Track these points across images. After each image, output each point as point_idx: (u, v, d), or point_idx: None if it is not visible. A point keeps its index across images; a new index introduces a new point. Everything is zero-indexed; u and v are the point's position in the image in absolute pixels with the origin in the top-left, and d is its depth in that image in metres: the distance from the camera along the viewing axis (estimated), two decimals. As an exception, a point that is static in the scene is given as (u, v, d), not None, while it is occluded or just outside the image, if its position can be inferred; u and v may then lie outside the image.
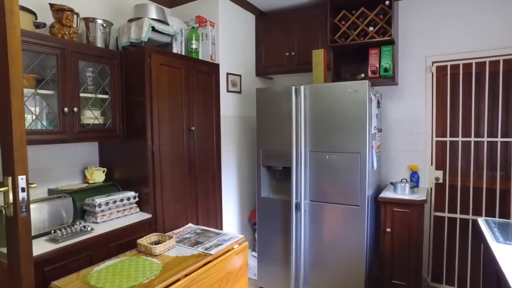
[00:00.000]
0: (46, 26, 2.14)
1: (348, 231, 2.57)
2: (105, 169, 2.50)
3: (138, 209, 2.34)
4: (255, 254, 3.12)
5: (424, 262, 2.97)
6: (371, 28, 2.80)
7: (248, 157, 3.42)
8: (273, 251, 2.91)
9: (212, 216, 2.88)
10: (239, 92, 3.25)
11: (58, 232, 1.83)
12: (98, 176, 2.46)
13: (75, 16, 2.20)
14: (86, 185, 2.37)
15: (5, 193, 1.32)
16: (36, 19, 2.04)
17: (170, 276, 1.56)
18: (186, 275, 1.62)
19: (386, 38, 2.72)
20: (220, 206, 2.98)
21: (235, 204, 3.24)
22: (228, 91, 3.08)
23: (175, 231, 2.24)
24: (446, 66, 2.91)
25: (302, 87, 2.65)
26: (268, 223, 2.92)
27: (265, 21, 3.46)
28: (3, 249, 1.46)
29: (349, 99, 2.51)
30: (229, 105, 3.11)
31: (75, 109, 2.08)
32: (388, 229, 2.65)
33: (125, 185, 2.45)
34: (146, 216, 2.27)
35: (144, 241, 1.90)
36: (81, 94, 2.15)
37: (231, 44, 3.11)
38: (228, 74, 3.07)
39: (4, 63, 1.27)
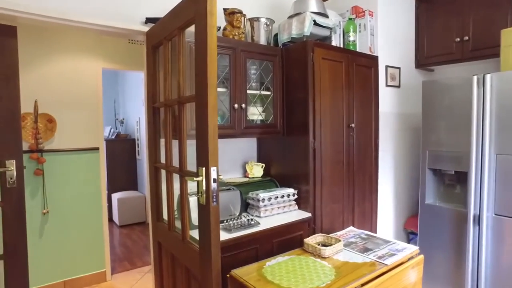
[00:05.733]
0: (220, 29, 2.30)
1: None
2: (263, 164, 2.57)
3: (296, 207, 2.32)
4: (414, 267, 2.76)
5: None
6: None
7: (407, 158, 3.06)
8: (437, 269, 2.51)
9: (367, 219, 2.67)
10: (398, 87, 2.94)
11: (230, 222, 1.92)
12: (257, 171, 2.53)
13: (243, 17, 2.31)
14: (247, 179, 2.47)
15: (199, 183, 1.42)
16: (213, 22, 2.20)
17: (346, 284, 1.44)
18: (362, 285, 1.48)
19: None
20: (376, 209, 2.74)
21: (391, 209, 2.95)
22: (386, 85, 2.81)
23: (338, 233, 2.12)
24: None
25: (488, 76, 2.20)
26: (433, 234, 2.54)
27: (428, 4, 3.04)
28: (192, 232, 1.58)
29: (560, 88, 1.95)
30: (387, 101, 2.84)
31: (243, 105, 2.17)
32: None
33: (282, 181, 2.46)
34: (305, 214, 2.22)
35: (310, 241, 1.84)
36: (248, 91, 2.24)
37: (389, 34, 2.82)
38: (387, 67, 2.80)
39: (203, 61, 1.36)
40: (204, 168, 1.39)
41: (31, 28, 2.93)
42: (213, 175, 1.38)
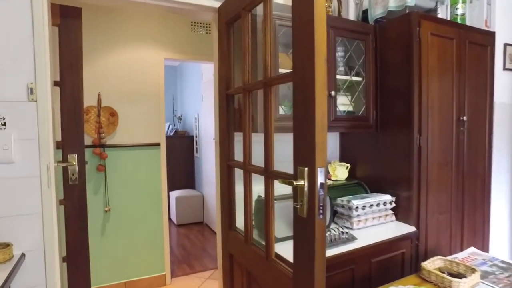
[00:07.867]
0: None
1: None
2: (348, 165, 2.17)
3: (393, 217, 1.89)
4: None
5: None
6: None
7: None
8: None
9: (478, 234, 2.16)
10: (517, 71, 2.37)
11: (320, 236, 1.55)
12: (341, 173, 2.14)
13: (329, -12, 1.93)
14: (330, 182, 2.08)
15: (299, 188, 1.06)
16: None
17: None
18: None
19: None
20: (488, 222, 2.22)
21: (506, 222, 2.39)
22: (504, 68, 2.26)
23: (458, 256, 1.65)
24: None
25: None
26: None
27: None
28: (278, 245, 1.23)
29: None
30: (505, 88, 2.28)
31: (333, 92, 1.79)
32: None
33: (371, 185, 2.05)
34: (407, 228, 1.79)
35: (428, 266, 1.41)
36: (337, 76, 1.85)
37: (509, 3, 2.27)
38: (506, 45, 2.25)
39: (307, 22, 1.00)
40: (307, 169, 1.04)
41: (93, 17, 2.79)
42: (320, 178, 1.01)
